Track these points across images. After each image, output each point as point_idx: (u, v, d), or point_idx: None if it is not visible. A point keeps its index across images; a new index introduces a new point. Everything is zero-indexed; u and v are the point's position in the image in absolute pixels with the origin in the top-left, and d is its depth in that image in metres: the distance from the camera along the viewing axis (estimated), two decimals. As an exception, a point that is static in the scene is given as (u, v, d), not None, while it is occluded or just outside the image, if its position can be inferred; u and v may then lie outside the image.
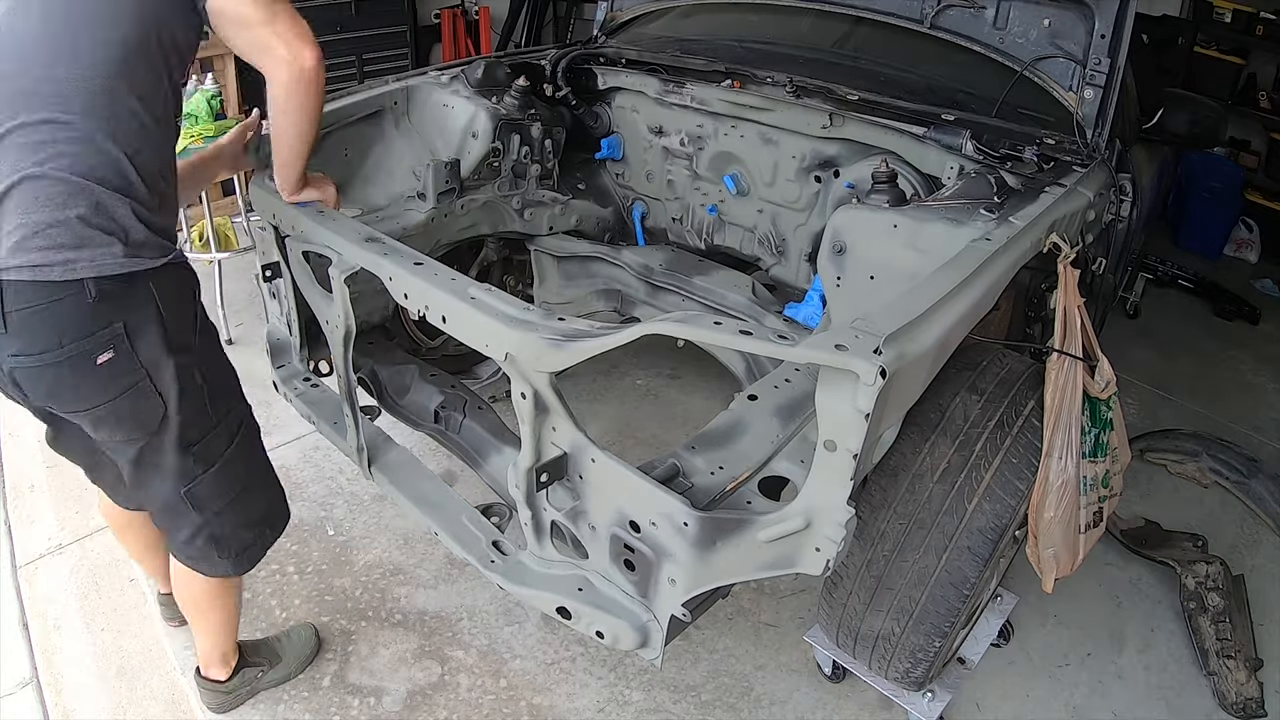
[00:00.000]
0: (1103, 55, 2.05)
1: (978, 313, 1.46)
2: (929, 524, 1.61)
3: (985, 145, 2.02)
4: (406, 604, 2.30)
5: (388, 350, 2.34)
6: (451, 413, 2.08)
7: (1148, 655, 2.32)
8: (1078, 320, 1.70)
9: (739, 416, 1.72)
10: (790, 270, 2.57)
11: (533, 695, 2.07)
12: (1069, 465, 1.65)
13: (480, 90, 2.46)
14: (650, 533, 1.46)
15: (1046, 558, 1.76)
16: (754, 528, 1.37)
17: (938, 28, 2.33)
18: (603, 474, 1.49)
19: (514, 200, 2.54)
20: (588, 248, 2.65)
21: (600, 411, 3.09)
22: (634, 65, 2.70)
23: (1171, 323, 4.21)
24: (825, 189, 2.41)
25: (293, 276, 2.03)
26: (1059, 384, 1.65)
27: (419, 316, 1.62)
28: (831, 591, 1.80)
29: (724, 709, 2.07)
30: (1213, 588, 2.39)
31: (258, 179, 1.99)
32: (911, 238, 1.65)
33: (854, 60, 2.54)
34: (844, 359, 1.16)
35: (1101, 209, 2.00)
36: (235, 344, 3.41)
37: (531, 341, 1.40)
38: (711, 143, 2.60)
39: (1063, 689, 2.20)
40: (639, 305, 2.60)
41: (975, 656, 2.07)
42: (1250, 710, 2.13)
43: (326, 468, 2.76)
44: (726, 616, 2.31)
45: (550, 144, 2.57)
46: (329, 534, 2.52)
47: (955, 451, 1.62)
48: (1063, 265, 1.69)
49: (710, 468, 1.58)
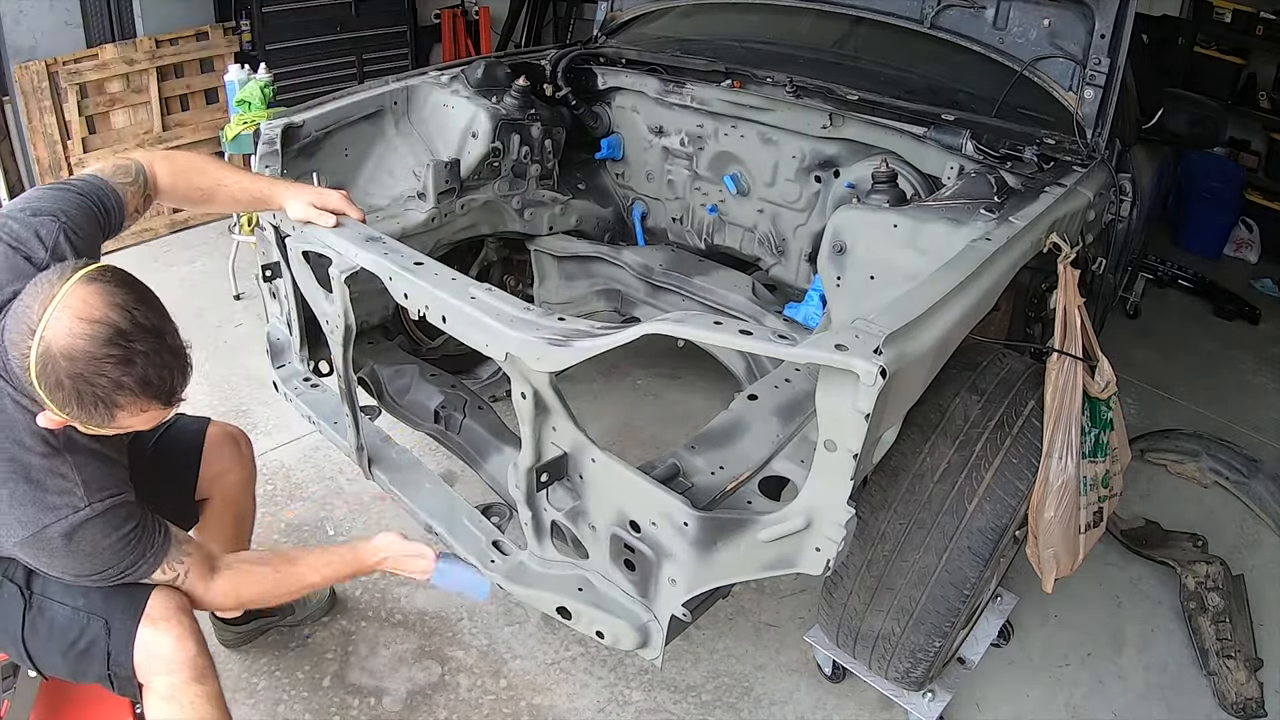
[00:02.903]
0: (1103, 55, 2.05)
1: (978, 313, 1.46)
2: (929, 524, 1.62)
3: (985, 145, 2.02)
4: (406, 604, 2.30)
5: (388, 350, 2.34)
6: (451, 413, 2.08)
7: (1148, 655, 2.32)
8: (1078, 320, 1.70)
9: (739, 416, 1.72)
10: (790, 270, 2.57)
11: (533, 695, 2.07)
12: (1069, 465, 1.65)
13: (480, 90, 2.46)
14: (650, 532, 1.46)
15: (1046, 558, 1.76)
16: (754, 528, 1.37)
17: (938, 28, 2.33)
18: (603, 474, 1.49)
19: (514, 200, 2.54)
20: (588, 248, 2.65)
21: (600, 411, 3.09)
22: (634, 65, 2.70)
23: (1171, 323, 4.21)
24: (825, 189, 2.41)
25: (293, 276, 2.03)
26: (1059, 384, 1.65)
27: (419, 316, 1.61)
28: (831, 591, 1.80)
29: (724, 709, 2.07)
30: (1213, 588, 2.39)
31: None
32: (911, 238, 1.65)
33: (854, 60, 2.54)
34: (844, 359, 1.16)
35: (1101, 209, 2.00)
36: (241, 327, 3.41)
37: (531, 341, 1.39)
38: (711, 143, 2.60)
39: (1063, 689, 2.19)
40: (639, 305, 2.60)
41: (975, 656, 2.07)
42: (1250, 710, 2.13)
43: (326, 468, 2.76)
44: (726, 616, 2.31)
45: (550, 144, 2.57)
46: (329, 534, 2.52)
47: (955, 451, 1.62)
48: (1063, 265, 1.69)
49: (710, 468, 1.58)
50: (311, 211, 1.79)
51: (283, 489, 2.67)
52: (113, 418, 1.23)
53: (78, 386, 1.18)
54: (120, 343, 1.19)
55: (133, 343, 1.20)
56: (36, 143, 3.92)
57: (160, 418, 1.30)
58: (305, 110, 2.27)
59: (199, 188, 1.69)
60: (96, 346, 1.18)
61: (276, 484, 2.68)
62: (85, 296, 1.20)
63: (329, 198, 1.82)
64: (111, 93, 4.07)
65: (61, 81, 3.87)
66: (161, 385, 1.24)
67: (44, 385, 1.19)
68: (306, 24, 4.74)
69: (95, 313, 1.19)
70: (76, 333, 1.17)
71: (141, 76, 4.13)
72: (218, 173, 1.75)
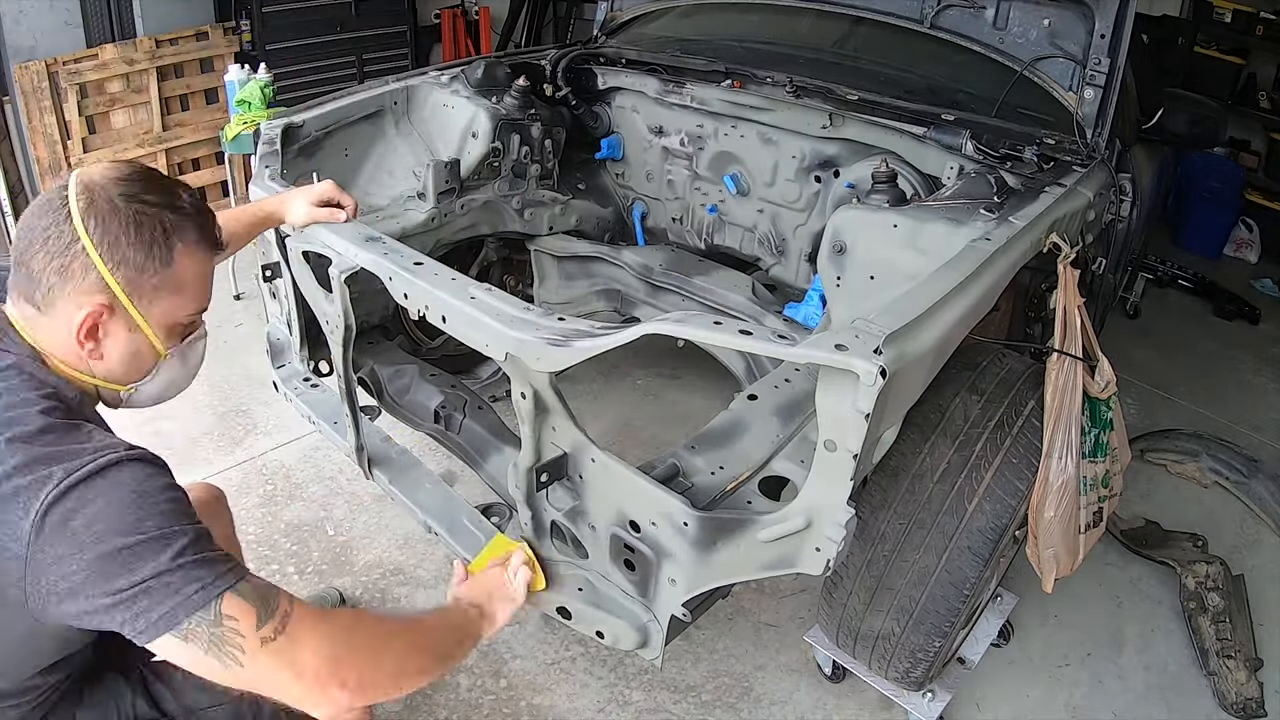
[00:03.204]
0: (1103, 55, 2.05)
1: (978, 313, 1.46)
2: (929, 524, 1.61)
3: (985, 145, 2.02)
4: (407, 604, 2.30)
5: (388, 350, 2.34)
6: (451, 413, 2.08)
7: (1148, 655, 2.32)
8: (1078, 320, 1.70)
9: (739, 416, 1.72)
10: (790, 270, 2.57)
11: (533, 695, 2.07)
12: (1069, 465, 1.65)
13: (480, 90, 2.46)
14: (650, 533, 1.46)
15: (1046, 558, 1.76)
16: (754, 528, 1.36)
17: (938, 28, 2.33)
18: (603, 474, 1.49)
19: (514, 200, 2.54)
20: (588, 248, 2.65)
21: (600, 411, 3.09)
22: (634, 65, 2.70)
23: (1171, 323, 4.21)
24: (825, 189, 2.41)
25: (293, 276, 2.03)
26: (1059, 384, 1.65)
27: (419, 316, 1.62)
28: (831, 591, 1.80)
29: (724, 709, 2.07)
30: (1213, 588, 2.39)
31: (257, 179, 1.99)
32: (911, 238, 1.65)
33: (854, 60, 2.54)
34: (844, 359, 1.16)
35: (1101, 209, 2.00)
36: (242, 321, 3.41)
37: (531, 341, 1.39)
38: (711, 143, 2.60)
39: (1063, 689, 2.19)
40: (639, 305, 2.60)
41: (975, 656, 2.07)
42: (1250, 710, 2.13)
43: (326, 468, 2.76)
44: (726, 616, 2.31)
45: (550, 144, 2.58)
46: (329, 534, 2.52)
47: (955, 451, 1.62)
48: (1063, 265, 1.69)
49: (710, 468, 1.58)
50: (314, 211, 1.79)
51: (283, 489, 2.67)
52: (171, 254, 1.09)
53: (132, 206, 1.06)
54: (158, 175, 1.14)
55: (168, 182, 1.15)
56: (36, 143, 3.92)
57: (208, 270, 1.17)
58: (305, 110, 2.28)
59: None
60: (140, 170, 1.11)
61: (276, 484, 2.68)
62: (104, 161, 1.15)
63: (321, 190, 1.80)
64: (111, 93, 4.07)
65: (61, 81, 3.87)
66: (206, 215, 1.15)
67: (93, 217, 1.04)
68: (306, 24, 4.74)
69: (123, 162, 1.13)
70: (115, 165, 1.11)
71: (141, 76, 4.13)
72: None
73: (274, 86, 3.58)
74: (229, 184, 3.98)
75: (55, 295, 1.06)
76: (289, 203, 1.80)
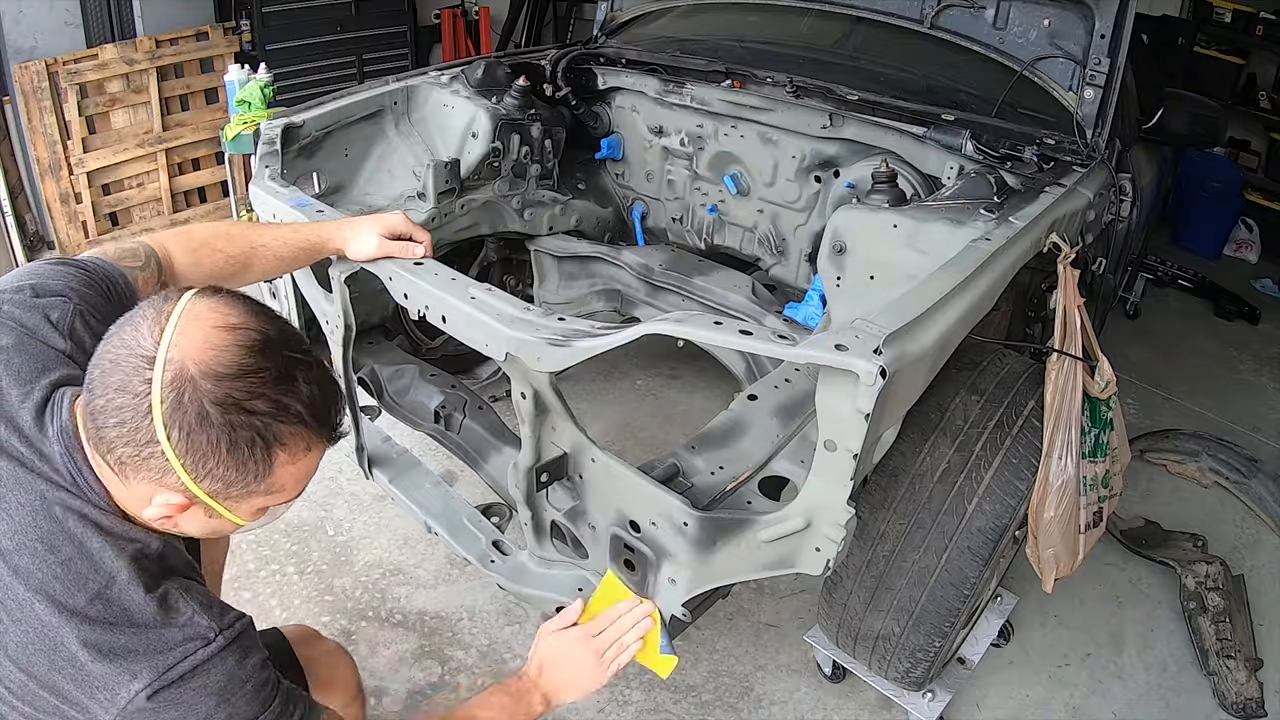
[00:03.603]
0: (1103, 55, 2.05)
1: (978, 313, 1.45)
2: (929, 524, 1.62)
3: (985, 145, 2.02)
4: (406, 604, 2.30)
5: (388, 350, 2.34)
6: (451, 413, 2.08)
7: (1148, 655, 2.32)
8: (1078, 320, 1.70)
9: (739, 416, 1.72)
10: (790, 270, 2.57)
11: (533, 695, 2.07)
12: (1069, 465, 1.65)
13: (480, 90, 2.46)
14: (650, 532, 1.46)
15: (1046, 558, 1.76)
16: (754, 528, 1.37)
17: (938, 28, 2.33)
18: (603, 474, 1.50)
19: (514, 200, 2.53)
20: (588, 248, 2.65)
21: (600, 411, 3.09)
22: (634, 65, 2.70)
23: (1171, 323, 4.21)
24: (825, 189, 2.41)
25: (292, 276, 2.03)
26: (1059, 384, 1.65)
27: (419, 316, 1.61)
28: (831, 591, 1.80)
29: (724, 709, 2.07)
30: (1213, 588, 2.39)
31: (257, 179, 1.99)
32: (911, 238, 1.65)
33: (854, 60, 2.54)
34: (844, 359, 1.16)
35: (1101, 209, 2.00)
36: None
37: (531, 341, 1.39)
38: (711, 143, 2.60)
39: (1063, 689, 2.19)
40: (639, 305, 2.60)
41: (975, 656, 2.07)
42: (1250, 710, 2.13)
43: (326, 468, 2.75)
44: (726, 616, 2.31)
45: (550, 144, 2.57)
46: (329, 534, 2.52)
47: (955, 452, 1.62)
48: (1063, 265, 1.69)
49: (710, 468, 1.58)
50: (386, 244, 1.57)
51: (283, 489, 2.66)
52: (271, 467, 0.94)
53: (229, 419, 0.89)
54: (273, 353, 0.93)
55: (288, 353, 0.95)
56: (36, 143, 3.91)
57: (314, 468, 1.02)
58: (305, 110, 2.27)
59: (230, 256, 1.39)
60: (247, 357, 0.91)
61: (276, 484, 2.68)
62: (214, 305, 0.94)
63: (394, 222, 1.59)
64: (111, 93, 4.07)
65: (61, 81, 3.87)
66: (326, 410, 0.98)
67: (179, 427, 0.88)
68: (306, 24, 4.74)
69: (235, 319, 0.93)
70: (219, 343, 0.90)
71: (141, 76, 4.12)
72: (249, 235, 1.45)
73: (274, 86, 3.59)
74: (229, 184, 3.98)
75: (129, 470, 0.93)
76: (353, 233, 1.58)
